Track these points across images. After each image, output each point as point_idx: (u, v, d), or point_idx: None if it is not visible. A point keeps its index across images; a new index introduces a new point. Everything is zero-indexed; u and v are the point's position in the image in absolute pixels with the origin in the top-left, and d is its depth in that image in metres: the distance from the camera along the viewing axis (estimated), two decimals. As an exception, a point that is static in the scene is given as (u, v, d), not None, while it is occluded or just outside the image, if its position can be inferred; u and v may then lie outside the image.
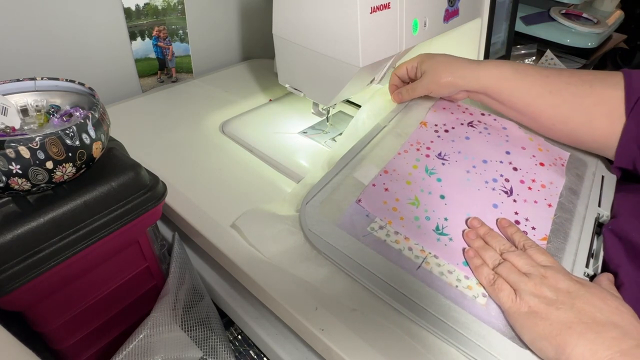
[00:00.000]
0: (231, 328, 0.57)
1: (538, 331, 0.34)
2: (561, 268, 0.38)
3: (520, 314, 0.35)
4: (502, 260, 0.40)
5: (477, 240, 0.42)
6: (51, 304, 0.39)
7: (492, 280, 0.38)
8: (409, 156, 0.52)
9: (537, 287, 0.36)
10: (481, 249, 0.41)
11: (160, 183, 0.42)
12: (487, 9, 0.66)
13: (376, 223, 0.44)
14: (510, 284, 0.37)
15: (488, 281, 0.39)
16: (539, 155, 0.53)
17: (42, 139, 0.32)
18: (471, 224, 0.44)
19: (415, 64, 0.58)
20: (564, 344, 0.32)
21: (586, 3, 1.18)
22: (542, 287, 0.36)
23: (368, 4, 0.45)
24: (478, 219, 0.44)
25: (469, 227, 0.44)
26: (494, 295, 0.38)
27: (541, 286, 0.36)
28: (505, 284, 0.37)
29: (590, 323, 0.33)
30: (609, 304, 0.34)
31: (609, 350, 0.31)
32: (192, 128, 0.63)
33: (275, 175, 0.56)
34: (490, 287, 0.38)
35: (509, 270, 0.38)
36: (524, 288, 0.36)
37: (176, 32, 0.74)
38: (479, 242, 0.42)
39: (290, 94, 0.71)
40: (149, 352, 0.41)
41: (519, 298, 0.36)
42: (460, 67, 0.55)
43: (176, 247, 0.49)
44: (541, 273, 0.37)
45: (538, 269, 0.37)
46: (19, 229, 0.33)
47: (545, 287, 0.36)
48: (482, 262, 0.40)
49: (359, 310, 0.39)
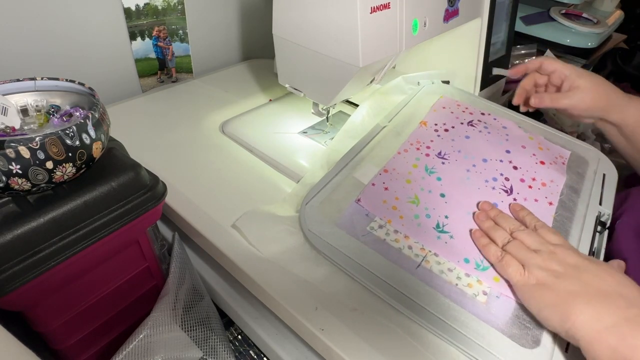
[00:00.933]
0: (231, 328, 0.57)
1: (545, 301, 0.35)
2: (570, 246, 0.39)
3: (528, 286, 0.37)
4: (512, 239, 0.41)
5: (487, 221, 0.43)
6: (51, 304, 0.39)
7: (500, 257, 0.39)
8: (409, 155, 0.52)
9: (546, 262, 0.37)
10: (491, 229, 0.42)
11: (160, 183, 0.42)
12: (487, 9, 0.66)
13: (376, 222, 0.44)
14: (519, 260, 0.38)
15: (496, 258, 0.39)
16: (539, 154, 0.53)
17: (42, 139, 0.32)
18: (482, 207, 0.45)
19: (567, 72, 0.55)
20: (569, 311, 0.33)
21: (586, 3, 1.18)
22: (551, 261, 0.37)
23: (368, 4, 0.45)
24: (489, 203, 0.45)
25: (479, 210, 0.45)
26: (502, 271, 0.39)
27: (550, 261, 0.37)
28: (513, 260, 0.38)
29: (596, 293, 0.34)
30: (615, 277, 0.35)
31: (613, 317, 0.32)
32: (192, 128, 0.63)
33: (275, 175, 0.56)
34: (498, 263, 0.39)
35: (518, 247, 0.39)
36: (533, 262, 0.37)
37: (176, 32, 0.74)
38: (488, 222, 0.43)
39: (290, 94, 0.71)
40: (149, 352, 0.41)
41: (528, 272, 0.37)
42: (615, 96, 0.53)
43: (176, 247, 0.49)
44: (550, 249, 0.38)
45: (547, 246, 0.39)
46: (19, 229, 0.33)
47: (553, 262, 0.37)
48: (489, 241, 0.41)
49: (358, 309, 0.39)
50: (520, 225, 0.42)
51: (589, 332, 0.32)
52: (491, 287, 0.39)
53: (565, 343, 0.36)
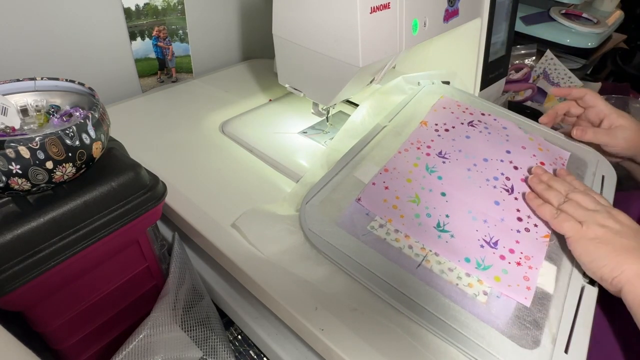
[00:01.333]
0: (231, 328, 0.57)
1: (600, 253, 0.38)
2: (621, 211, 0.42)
3: (585, 239, 0.40)
4: (567, 200, 0.43)
5: (540, 184, 0.46)
6: (51, 304, 0.39)
7: (556, 215, 0.42)
8: (410, 155, 0.52)
9: (604, 220, 0.40)
10: (545, 191, 0.45)
11: (160, 183, 0.42)
12: (487, 9, 0.66)
13: (376, 221, 0.44)
14: (576, 218, 0.41)
15: (551, 215, 0.42)
16: (539, 155, 0.53)
17: (42, 139, 0.32)
18: (534, 171, 0.48)
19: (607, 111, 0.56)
20: (622, 261, 0.37)
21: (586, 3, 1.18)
22: (609, 220, 0.40)
23: (368, 4, 0.45)
24: (541, 167, 0.48)
25: (532, 174, 0.48)
26: (557, 226, 0.42)
27: (608, 219, 0.40)
28: (570, 217, 0.41)
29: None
30: None
31: None
32: (192, 128, 0.63)
33: (275, 175, 0.56)
34: (554, 220, 0.42)
35: (575, 207, 0.42)
36: (591, 220, 0.40)
37: (176, 32, 0.74)
38: (542, 185, 0.45)
39: (290, 94, 0.71)
40: (149, 352, 0.41)
41: (586, 226, 0.40)
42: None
43: (176, 247, 0.48)
44: (607, 210, 0.41)
45: (603, 207, 0.42)
46: (19, 229, 0.33)
47: (611, 220, 0.40)
48: (543, 202, 0.44)
49: (358, 309, 0.39)
50: (573, 187, 0.45)
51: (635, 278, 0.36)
52: (492, 286, 0.39)
53: (565, 343, 0.36)
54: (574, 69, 1.01)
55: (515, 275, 0.40)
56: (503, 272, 0.40)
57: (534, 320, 0.37)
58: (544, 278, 0.41)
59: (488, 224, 0.44)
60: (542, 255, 0.42)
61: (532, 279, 0.40)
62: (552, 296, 0.39)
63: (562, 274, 0.41)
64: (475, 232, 0.44)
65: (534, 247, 0.43)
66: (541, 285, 0.40)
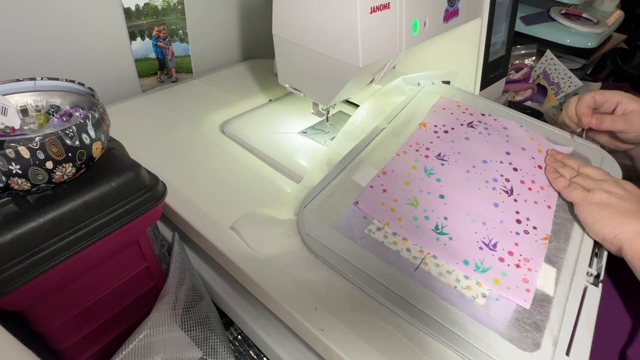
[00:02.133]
0: (231, 328, 0.57)
1: (602, 215, 0.42)
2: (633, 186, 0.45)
3: (590, 203, 0.43)
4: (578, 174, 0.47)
5: (555, 162, 0.51)
6: (51, 304, 0.39)
7: (568, 184, 0.46)
8: (408, 157, 0.52)
9: (610, 187, 0.43)
10: (559, 167, 0.49)
11: (160, 183, 0.42)
12: (487, 9, 0.66)
13: (374, 225, 0.44)
14: (585, 187, 0.45)
15: (564, 185, 0.47)
16: (538, 157, 0.53)
17: (42, 139, 0.32)
18: (550, 152, 0.53)
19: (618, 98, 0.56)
20: (623, 222, 0.41)
21: (586, 3, 1.18)
22: (616, 187, 0.43)
23: (368, 4, 0.45)
24: (555, 150, 0.53)
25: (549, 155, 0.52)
26: (567, 194, 0.46)
27: (615, 187, 0.44)
28: (579, 186, 0.45)
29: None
30: None
31: None
32: (192, 128, 0.63)
33: (275, 176, 0.56)
34: (565, 189, 0.46)
35: (585, 178, 0.46)
36: (598, 187, 0.44)
37: (176, 32, 0.74)
38: (557, 162, 0.50)
39: (290, 94, 0.71)
40: (149, 352, 0.41)
41: (592, 192, 0.44)
42: None
43: (176, 247, 0.49)
44: (615, 180, 0.45)
45: (611, 178, 0.45)
46: (19, 229, 0.33)
47: (618, 187, 0.43)
48: (559, 175, 0.48)
49: (358, 310, 0.39)
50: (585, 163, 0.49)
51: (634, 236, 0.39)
52: (491, 289, 0.39)
53: (567, 346, 0.36)
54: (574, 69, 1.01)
55: (514, 278, 0.40)
56: (502, 274, 0.40)
57: (534, 322, 0.37)
58: (544, 280, 0.41)
59: (487, 226, 0.44)
60: (541, 257, 0.42)
61: (532, 281, 0.40)
62: (552, 298, 0.39)
63: (564, 276, 0.41)
64: (474, 234, 0.44)
65: (533, 249, 0.43)
66: (541, 288, 0.40)
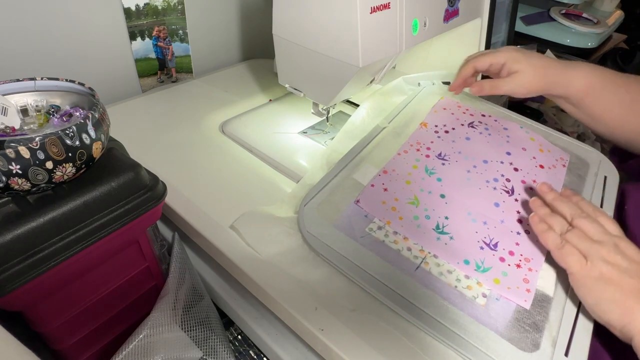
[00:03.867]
0: (231, 328, 0.57)
1: (607, 295, 0.35)
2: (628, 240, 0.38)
3: (589, 277, 0.36)
4: (571, 228, 0.39)
5: (543, 208, 0.42)
6: (51, 304, 0.39)
7: (561, 245, 0.38)
8: (409, 156, 0.52)
9: (611, 255, 0.36)
10: (548, 216, 0.41)
11: (160, 183, 0.42)
12: (487, 9, 0.66)
13: (375, 223, 0.44)
14: (581, 251, 0.37)
15: (555, 245, 0.38)
16: (539, 157, 0.53)
17: (42, 139, 0.32)
18: (540, 189, 0.44)
19: (503, 60, 0.55)
20: (632, 307, 0.34)
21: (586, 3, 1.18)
22: (616, 255, 0.36)
23: (368, 4, 0.45)
24: (547, 184, 0.44)
25: (538, 191, 0.44)
26: (560, 259, 0.38)
27: (615, 254, 0.36)
28: (574, 249, 0.37)
29: None
30: None
31: None
32: (192, 128, 0.63)
33: (275, 175, 0.56)
34: (558, 250, 0.38)
35: (580, 237, 0.38)
36: (597, 254, 0.36)
37: (176, 32, 0.74)
38: (545, 209, 0.42)
39: (290, 94, 0.71)
40: (149, 352, 0.41)
41: (590, 263, 0.36)
42: (553, 73, 0.53)
43: (176, 247, 0.48)
44: (614, 242, 0.37)
45: (610, 238, 0.37)
46: (19, 229, 0.33)
47: (618, 256, 0.36)
48: (548, 227, 0.40)
49: (358, 310, 0.39)
50: (580, 210, 0.40)
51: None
52: (491, 289, 0.39)
53: (566, 347, 0.36)
54: None
55: (514, 278, 0.40)
56: (503, 274, 0.40)
57: (534, 323, 0.37)
58: (544, 280, 0.41)
59: (488, 226, 0.44)
60: (542, 257, 0.42)
61: (532, 281, 0.40)
62: (552, 299, 0.39)
63: (564, 276, 0.41)
64: (475, 233, 0.44)
65: (534, 249, 0.43)
66: (541, 288, 0.40)
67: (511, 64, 0.54)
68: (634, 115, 0.52)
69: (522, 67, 0.54)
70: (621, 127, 0.53)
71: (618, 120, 0.53)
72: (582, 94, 0.53)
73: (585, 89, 0.53)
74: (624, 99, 0.52)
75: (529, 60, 0.54)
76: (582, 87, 0.53)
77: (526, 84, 0.54)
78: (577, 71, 0.53)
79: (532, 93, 0.55)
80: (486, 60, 0.56)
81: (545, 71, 0.53)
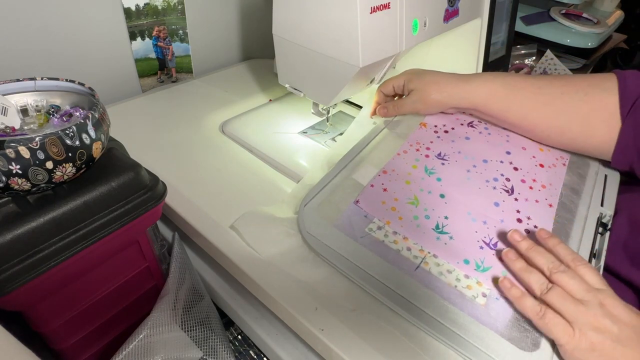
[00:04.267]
0: (231, 328, 0.57)
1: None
2: (612, 292, 0.35)
3: (580, 350, 0.33)
4: (551, 285, 0.35)
5: (518, 262, 0.38)
6: (51, 304, 0.39)
7: (541, 313, 0.34)
8: (408, 156, 0.52)
9: (598, 320, 0.33)
10: (525, 272, 0.37)
11: (160, 183, 0.42)
12: (487, 9, 0.66)
13: (374, 224, 0.44)
14: (565, 316, 0.34)
15: (535, 313, 0.35)
16: (539, 156, 0.53)
17: (42, 139, 0.32)
18: (511, 237, 0.40)
19: (402, 81, 0.57)
20: None
21: (586, 3, 1.18)
22: (604, 319, 0.33)
23: (368, 4, 0.45)
24: (519, 232, 0.40)
25: (510, 241, 0.40)
26: (545, 329, 0.34)
27: (602, 318, 0.33)
28: (557, 316, 0.34)
29: None
30: None
31: None
32: (192, 128, 0.63)
33: (275, 175, 0.56)
34: (539, 320, 0.34)
35: (562, 299, 0.34)
36: (583, 321, 0.33)
37: (176, 32, 0.74)
38: (520, 263, 0.38)
39: (290, 94, 0.71)
40: (149, 352, 0.41)
41: (578, 332, 0.33)
42: (448, 85, 0.54)
43: (176, 247, 0.49)
44: (599, 300, 0.34)
45: (594, 295, 0.34)
46: (19, 229, 0.33)
47: (607, 319, 0.33)
48: (522, 293, 0.36)
49: (358, 310, 0.39)
50: (559, 263, 0.37)
51: None
52: (491, 288, 0.39)
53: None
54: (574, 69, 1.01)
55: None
56: (502, 273, 0.40)
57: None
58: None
59: (487, 225, 0.44)
60: (541, 256, 0.42)
61: (532, 280, 0.40)
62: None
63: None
64: (475, 233, 0.44)
65: (533, 248, 0.43)
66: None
67: (407, 84, 0.56)
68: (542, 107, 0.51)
69: (415, 85, 0.55)
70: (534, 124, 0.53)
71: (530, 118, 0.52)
72: (485, 102, 0.53)
73: (486, 96, 0.53)
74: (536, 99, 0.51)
75: (422, 77, 0.55)
76: (482, 94, 0.53)
77: (424, 98, 0.55)
78: (476, 80, 0.53)
79: (434, 107, 0.56)
80: (389, 85, 0.58)
81: (438, 84, 0.54)
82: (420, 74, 0.56)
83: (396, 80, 0.57)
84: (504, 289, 0.37)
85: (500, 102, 0.53)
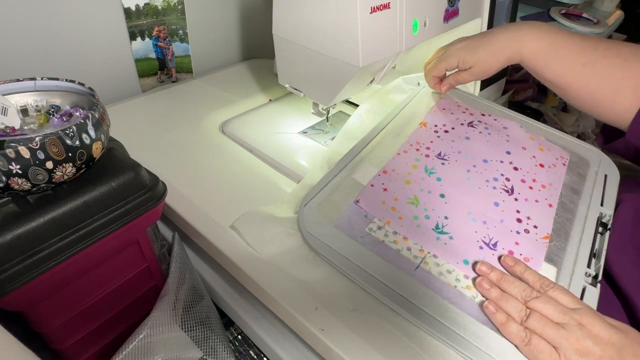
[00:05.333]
0: (231, 328, 0.57)
1: None
2: (589, 308, 0.36)
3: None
4: (528, 311, 0.36)
5: (493, 290, 0.39)
6: (51, 304, 0.39)
7: (526, 339, 0.35)
8: (409, 156, 0.52)
9: (580, 342, 0.34)
10: (501, 300, 0.38)
11: (160, 183, 0.42)
12: (487, 9, 0.66)
13: (374, 223, 0.44)
14: (548, 341, 0.35)
15: (521, 340, 0.35)
16: (539, 156, 0.53)
17: (42, 139, 0.32)
18: (480, 270, 0.40)
19: (455, 63, 0.58)
20: None
21: (586, 3, 1.18)
22: (585, 340, 0.34)
23: (368, 4, 0.45)
24: (487, 264, 0.40)
25: (478, 274, 0.40)
26: (531, 356, 0.35)
27: (584, 340, 0.34)
28: (542, 342, 0.35)
29: None
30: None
31: None
32: (192, 128, 0.63)
33: (275, 175, 0.56)
34: (525, 347, 0.35)
35: (543, 324, 0.35)
36: (566, 345, 0.34)
37: (176, 32, 0.74)
38: (495, 291, 0.38)
39: (290, 94, 0.71)
40: (149, 352, 0.41)
41: (564, 357, 0.34)
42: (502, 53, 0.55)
43: (176, 247, 0.49)
44: (577, 321, 0.35)
45: (572, 316, 0.35)
46: (19, 229, 0.33)
47: (588, 341, 0.34)
48: (507, 318, 0.36)
49: (358, 310, 0.39)
50: (531, 290, 0.38)
51: None
52: (491, 287, 0.39)
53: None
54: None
55: (514, 276, 0.40)
56: (502, 272, 0.40)
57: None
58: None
59: (487, 225, 0.44)
60: (541, 256, 0.42)
61: (532, 279, 0.40)
62: (551, 297, 0.39)
63: (563, 275, 0.41)
64: (475, 233, 0.44)
65: (533, 249, 0.43)
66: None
67: (462, 65, 0.58)
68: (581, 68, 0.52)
69: (474, 62, 0.57)
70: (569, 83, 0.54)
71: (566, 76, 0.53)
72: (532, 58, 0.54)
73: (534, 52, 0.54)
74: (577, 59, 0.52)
75: (475, 54, 0.56)
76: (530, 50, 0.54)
77: (484, 72, 0.57)
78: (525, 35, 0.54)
79: (495, 71, 0.58)
80: (441, 68, 0.60)
81: (496, 57, 0.56)
82: (471, 50, 0.56)
83: (447, 62, 0.58)
84: (488, 313, 0.37)
85: (540, 59, 0.54)
